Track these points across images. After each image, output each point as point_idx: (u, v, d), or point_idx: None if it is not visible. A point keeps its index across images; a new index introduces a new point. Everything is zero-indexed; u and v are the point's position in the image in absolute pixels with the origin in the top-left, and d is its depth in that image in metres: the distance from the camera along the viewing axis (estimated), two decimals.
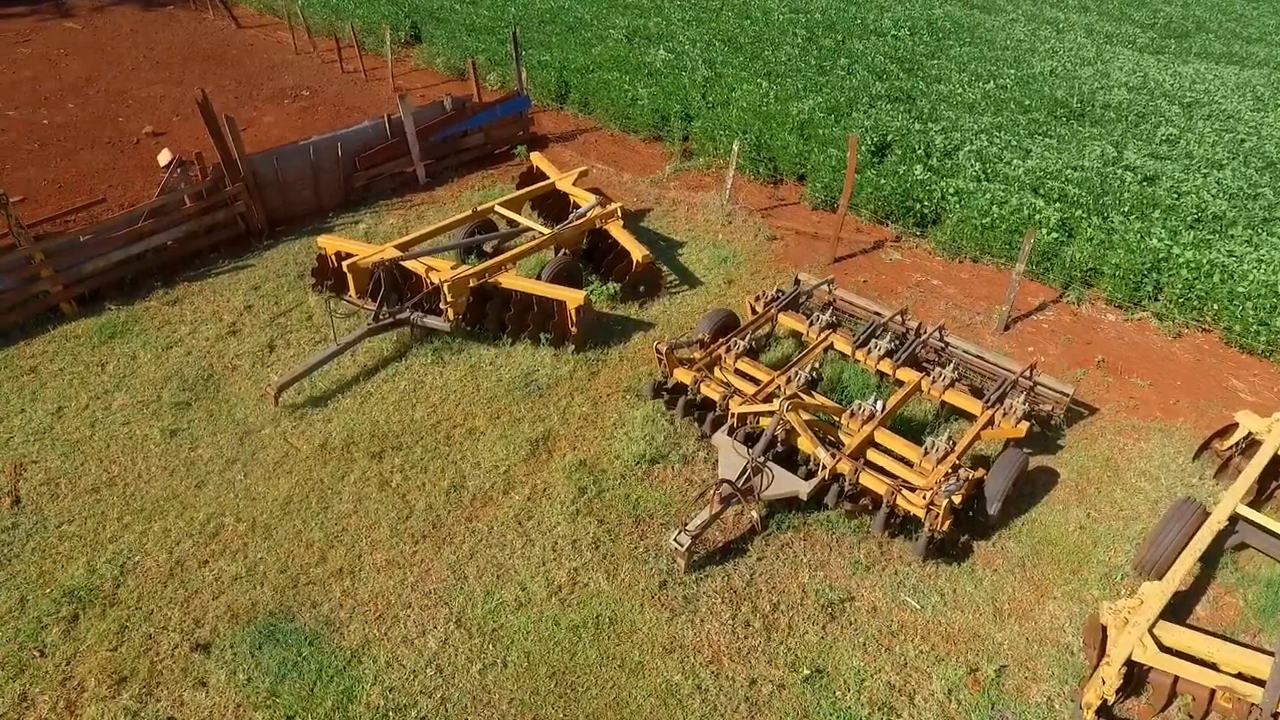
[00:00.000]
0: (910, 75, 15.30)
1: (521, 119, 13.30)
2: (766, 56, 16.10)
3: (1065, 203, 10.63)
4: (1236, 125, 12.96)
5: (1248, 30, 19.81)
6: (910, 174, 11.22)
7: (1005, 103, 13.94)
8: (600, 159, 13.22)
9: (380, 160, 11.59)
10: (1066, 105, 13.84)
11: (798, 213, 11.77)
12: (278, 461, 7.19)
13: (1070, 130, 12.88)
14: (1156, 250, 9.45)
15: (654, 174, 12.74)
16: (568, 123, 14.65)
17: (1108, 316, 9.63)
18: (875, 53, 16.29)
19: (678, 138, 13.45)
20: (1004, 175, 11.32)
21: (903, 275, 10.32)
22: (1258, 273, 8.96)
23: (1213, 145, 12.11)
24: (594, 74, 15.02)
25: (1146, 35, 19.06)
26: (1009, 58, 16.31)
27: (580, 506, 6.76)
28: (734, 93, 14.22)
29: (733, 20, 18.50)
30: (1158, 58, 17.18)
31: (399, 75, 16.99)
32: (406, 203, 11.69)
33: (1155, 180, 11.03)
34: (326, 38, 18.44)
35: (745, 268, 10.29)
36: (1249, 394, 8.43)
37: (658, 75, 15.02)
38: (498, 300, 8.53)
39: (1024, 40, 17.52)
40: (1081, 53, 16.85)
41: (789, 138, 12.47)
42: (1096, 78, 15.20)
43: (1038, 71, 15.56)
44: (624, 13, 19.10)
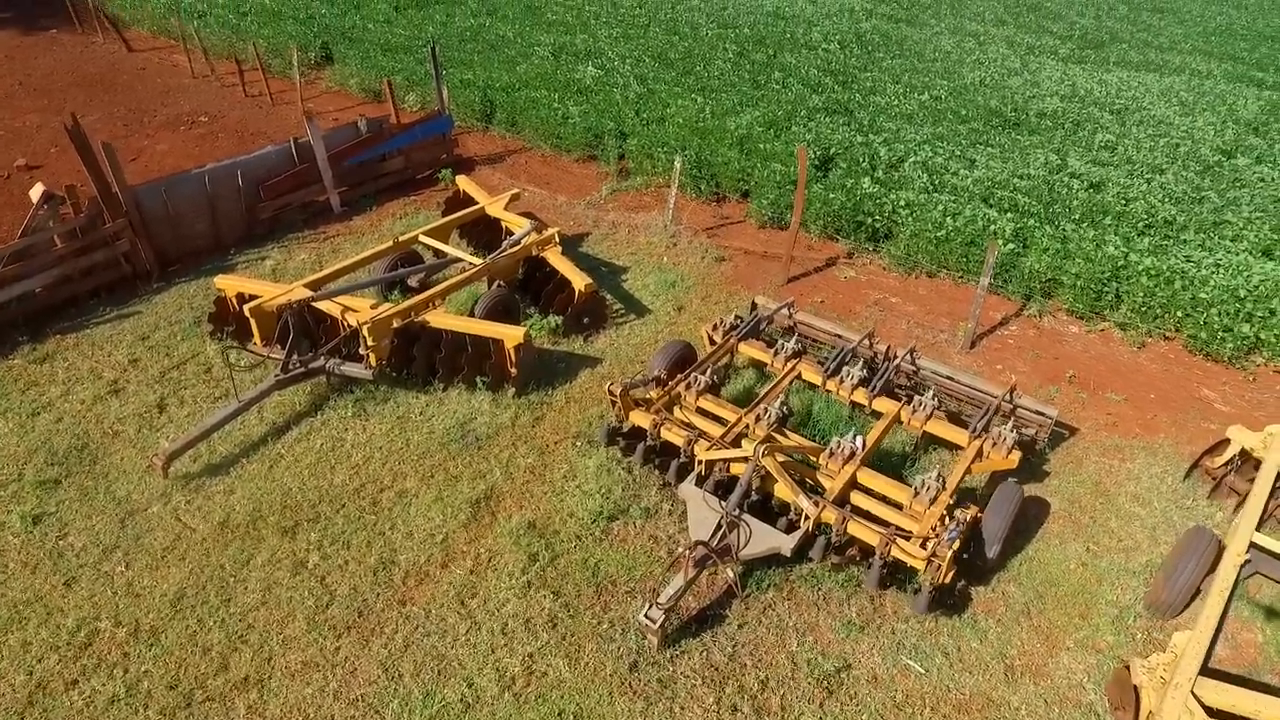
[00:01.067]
0: (845, 88, 15.02)
1: (445, 141, 12.38)
2: (699, 72, 15.60)
3: (1017, 212, 10.33)
4: (1169, 130, 13.04)
5: (1158, 39, 20.42)
6: (859, 187, 10.77)
7: (943, 113, 13.74)
8: (532, 181, 12.39)
9: (288, 189, 10.49)
10: (1002, 114, 13.73)
11: (744, 231, 11.17)
12: (168, 546, 6.06)
13: (1010, 139, 12.72)
14: (1114, 258, 9.17)
15: (590, 195, 11.98)
16: (495, 144, 13.78)
17: (1071, 329, 9.28)
18: (808, 66, 15.99)
19: (613, 157, 12.75)
20: (952, 186, 10.99)
21: (860, 293, 9.80)
22: (1217, 278, 8.75)
23: (1150, 150, 12.09)
24: (521, 92, 14.22)
25: (1066, 46, 19.41)
26: (939, 69, 16.24)
27: (532, 577, 5.86)
28: (669, 109, 13.63)
29: (661, 37, 18.00)
30: (1081, 67, 17.42)
31: (309, 98, 15.83)
32: (320, 234, 10.60)
33: (1102, 187, 10.86)
34: (227, 60, 17.14)
35: (695, 292, 9.60)
36: (1222, 404, 8.14)
37: (588, 93, 14.32)
38: (426, 341, 7.58)
39: (951, 52, 17.55)
40: (1007, 63, 16.94)
41: (730, 154, 11.91)
42: (1027, 87, 15.22)
43: (969, 82, 15.50)
44: (548, 30, 18.40)
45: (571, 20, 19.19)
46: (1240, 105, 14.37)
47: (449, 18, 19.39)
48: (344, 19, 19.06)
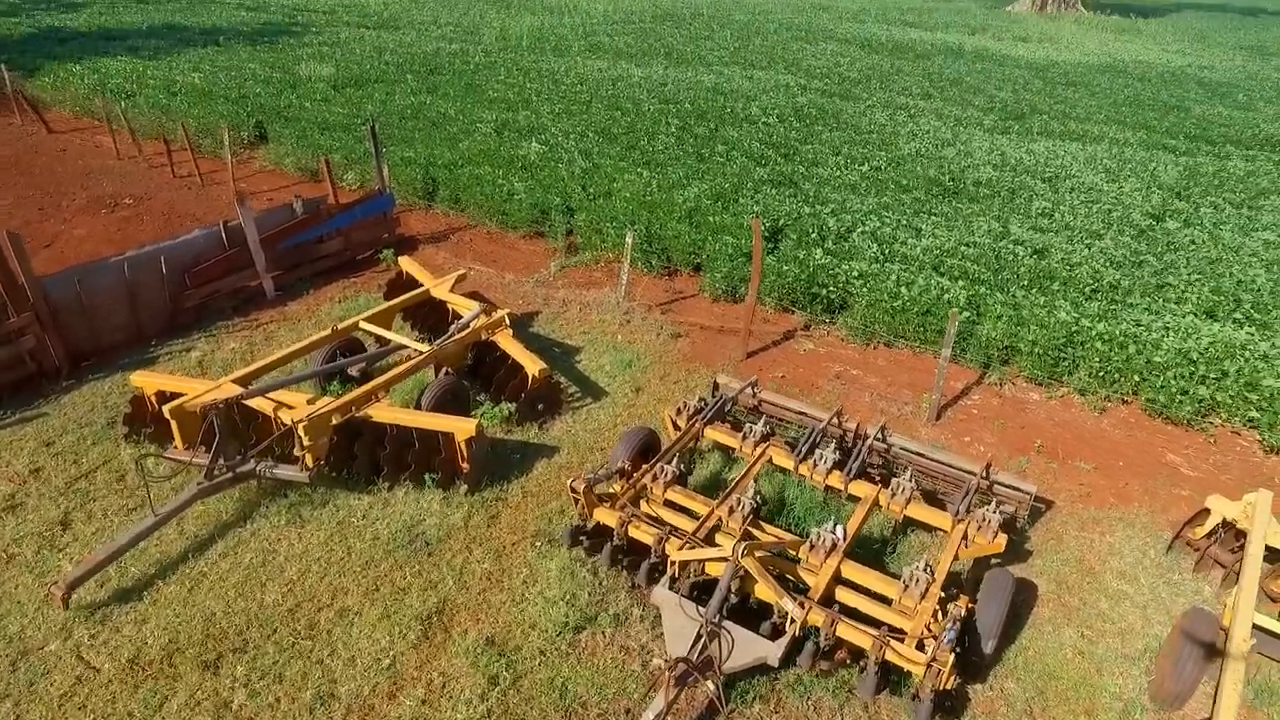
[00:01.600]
0: (788, 160, 15.23)
1: (386, 220, 11.97)
2: (643, 146, 15.67)
3: (968, 280, 10.38)
4: (1099, 196, 13.49)
5: (1074, 111, 21.52)
6: (811, 258, 10.71)
7: (885, 183, 13.98)
8: (478, 259, 12.03)
9: (217, 274, 9.88)
10: (941, 183, 14.04)
11: (698, 306, 10.96)
12: (67, 693, 5.25)
13: (952, 208, 12.96)
14: (1067, 324, 9.21)
15: (539, 272, 11.66)
16: (438, 222, 13.43)
17: (1031, 395, 9.22)
18: (750, 139, 16.23)
19: (560, 232, 12.51)
20: (902, 255, 11.04)
21: (820, 367, 9.60)
22: (1169, 341, 8.83)
23: (1086, 217, 12.44)
24: (464, 169, 13.98)
25: (990, 118, 20.26)
26: (876, 140, 16.67)
27: (493, 704, 5.24)
28: (615, 183, 13.55)
29: (604, 112, 18.14)
30: (1006, 137, 18.14)
31: (242, 178, 15.30)
32: (252, 322, 9.96)
33: (1046, 253, 11.04)
34: (156, 140, 16.55)
35: (653, 371, 9.25)
36: (1188, 468, 8.08)
37: (533, 168, 14.18)
38: (369, 437, 7.01)
39: (886, 125, 18.09)
40: (939, 135, 17.52)
41: (680, 227, 11.79)
42: (961, 157, 15.69)
43: (906, 153, 15.91)
44: (490, 107, 18.37)
45: (513, 97, 19.24)
46: (1160, 171, 15.05)
47: (389, 96, 19.24)
48: (279, 98, 18.72)
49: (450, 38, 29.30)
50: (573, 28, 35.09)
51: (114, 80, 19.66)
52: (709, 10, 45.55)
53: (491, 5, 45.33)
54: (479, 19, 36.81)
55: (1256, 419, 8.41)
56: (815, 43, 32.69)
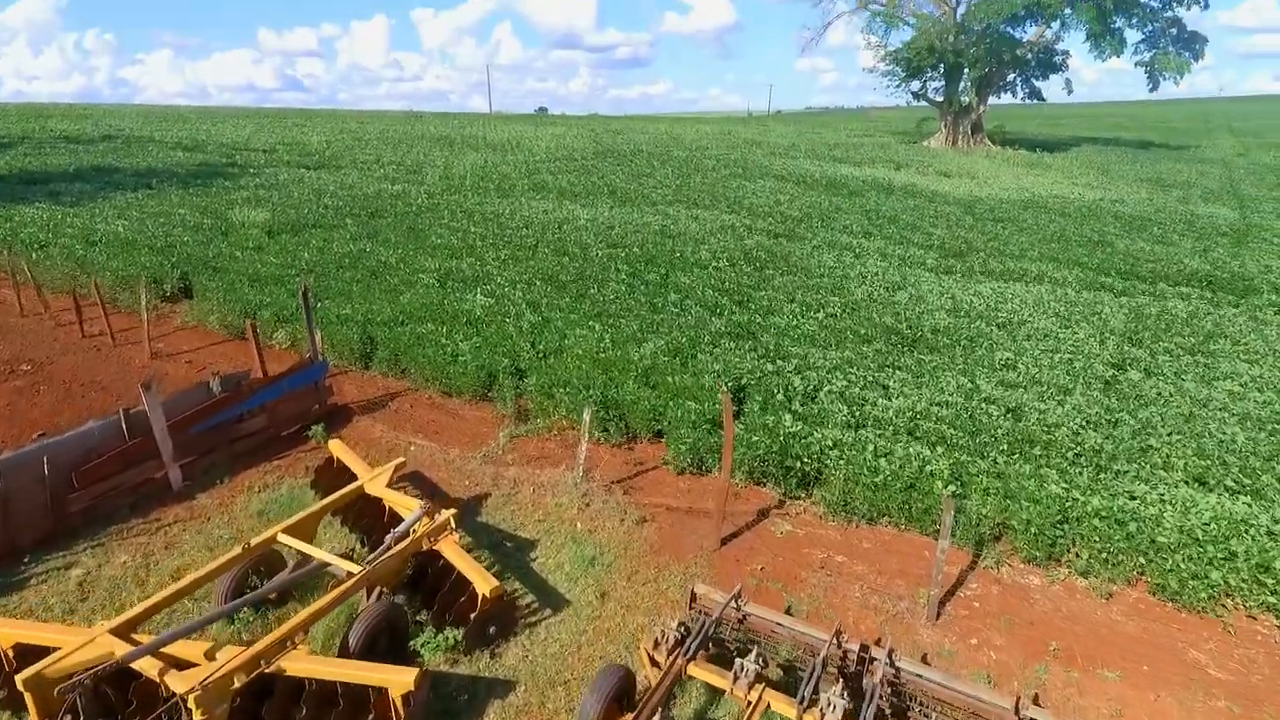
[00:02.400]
0: (743, 308, 14.90)
1: (317, 389, 10.94)
2: (593, 295, 15.19)
3: (946, 446, 9.82)
4: (1057, 345, 13.40)
5: (1008, 248, 22.19)
6: (780, 425, 10.04)
7: (843, 333, 13.67)
8: (419, 431, 11.00)
9: (114, 470, 8.61)
10: (899, 332, 13.81)
11: (662, 480, 10.07)
12: None
13: (915, 359, 12.62)
14: (1060, 498, 8.62)
15: (487, 446, 10.67)
16: (376, 386, 12.43)
17: (1032, 580, 8.46)
18: (703, 286, 15.94)
19: (510, 397, 11.63)
20: (875, 418, 10.47)
21: (801, 554, 8.70)
22: (1170, 518, 8.28)
23: (1050, 369, 12.21)
24: (405, 327, 13.17)
25: (931, 256, 20.67)
26: (828, 284, 16.59)
27: None
28: (566, 339, 12.90)
29: (551, 258, 17.77)
30: (951, 278, 18.36)
31: (162, 336, 14.15)
32: (152, 522, 8.62)
33: (1021, 413, 10.63)
34: (65, 294, 15.36)
35: (618, 568, 8.21)
36: (1215, 668, 7.31)
37: (479, 324, 13.45)
38: (282, 696, 5.72)
39: (835, 267, 18.16)
40: (888, 277, 17.60)
41: (639, 392, 11.07)
42: (914, 302, 15.63)
43: (859, 298, 15.80)
44: (433, 254, 17.83)
45: (457, 243, 18.78)
46: (1109, 315, 15.22)
47: (326, 243, 18.58)
48: (208, 247, 17.86)
49: (393, 178, 29.28)
50: (516, 165, 35.71)
51: (27, 230, 18.58)
52: (648, 147, 47.35)
53: (435, 144, 46.28)
54: (422, 158, 37.25)
55: (1274, 604, 7.79)
56: (753, 179, 33.83)
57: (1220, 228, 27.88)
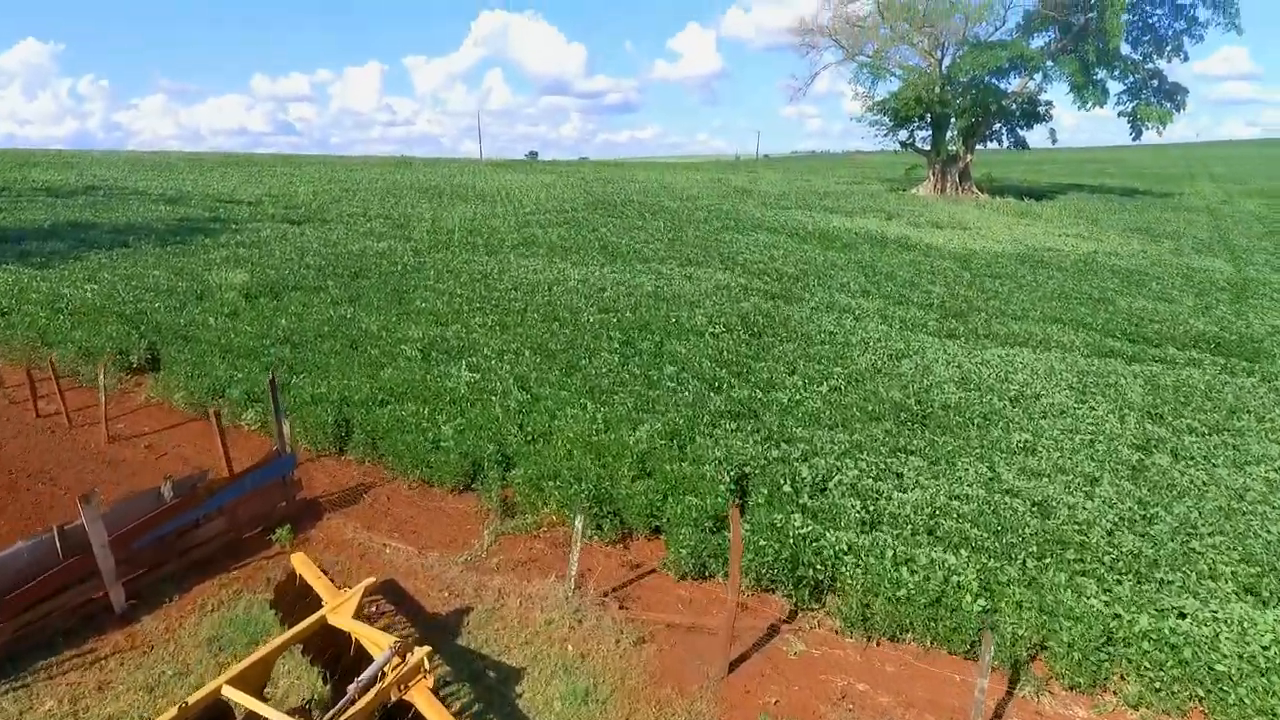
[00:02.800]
0: (743, 381, 14.16)
1: (284, 485, 10.04)
2: (584, 368, 14.42)
3: (970, 548, 8.99)
4: (1077, 423, 12.68)
5: (1009, 308, 21.64)
6: (789, 526, 9.21)
7: (849, 410, 12.91)
8: (396, 530, 10.09)
9: (46, 594, 7.65)
10: (908, 408, 13.07)
11: (662, 587, 9.18)
12: None
13: (927, 440, 11.86)
14: (1103, 617, 7.79)
15: (470, 547, 9.75)
16: (350, 474, 11.52)
17: (1077, 712, 7.57)
18: (699, 356, 15.21)
19: (495, 490, 10.76)
20: (890, 514, 9.65)
21: (818, 681, 7.80)
22: (1227, 642, 7.45)
23: (1073, 454, 11.46)
24: (384, 408, 12.32)
25: (932, 318, 20.08)
26: (829, 353, 15.90)
27: None
28: (555, 420, 12.09)
29: (540, 324, 17.04)
30: (954, 342, 17.73)
31: (123, 415, 13.24)
32: (87, 654, 7.63)
33: (1048, 509, 9.84)
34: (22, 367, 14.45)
35: (615, 705, 7.28)
36: None
37: (463, 403, 12.63)
38: None
39: (835, 332, 17.50)
40: (891, 343, 16.95)
41: (634, 487, 10.25)
42: (920, 373, 14.94)
43: (863, 368, 15.10)
44: (417, 320, 17.07)
45: (443, 308, 18.04)
46: (1124, 386, 14.55)
47: (305, 309, 17.80)
48: (180, 313, 17.04)
49: (379, 233, 28.67)
50: (505, 218, 35.27)
51: None
52: (639, 196, 47.18)
53: (424, 194, 45.97)
54: (410, 210, 36.78)
55: None
56: (746, 232, 33.46)
57: (1218, 282, 27.57)
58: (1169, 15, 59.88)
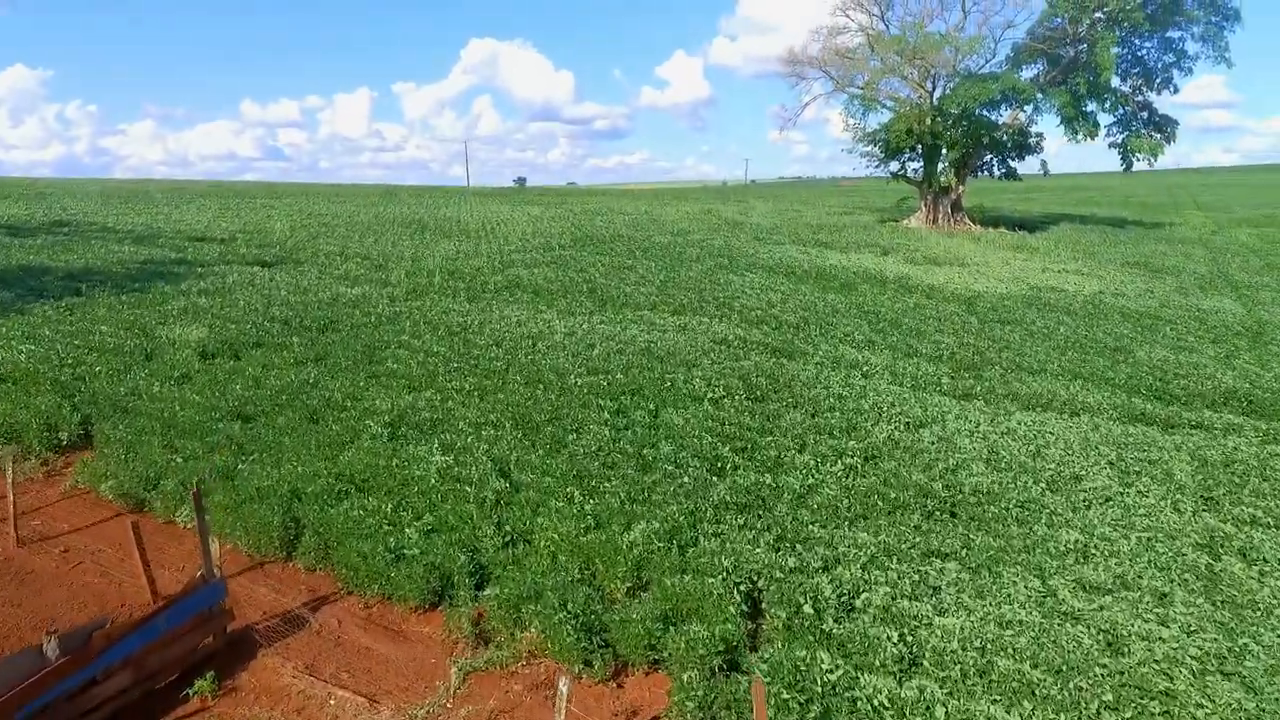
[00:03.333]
0: (748, 460, 12.68)
1: (212, 617, 8.41)
2: (571, 445, 12.90)
3: (1031, 697, 7.48)
4: (1128, 513, 11.25)
5: (1024, 360, 20.34)
6: (815, 669, 7.69)
7: (870, 497, 11.44)
8: (345, 668, 8.45)
9: None
10: (935, 495, 11.62)
11: None
12: None
13: (961, 539, 10.39)
14: None
15: (433, 691, 8.15)
16: (298, 588, 9.89)
17: None
18: (699, 428, 13.72)
19: (466, 609, 9.18)
20: (932, 649, 8.13)
21: None
22: None
23: (1131, 558, 10.02)
24: (340, 504, 10.75)
25: (944, 373, 18.74)
26: (841, 422, 14.45)
27: None
28: (538, 515, 10.57)
29: (522, 388, 15.52)
30: (972, 404, 16.37)
31: (43, 508, 11.58)
32: None
33: (1119, 641, 8.33)
34: None
35: None
36: None
37: (432, 495, 11.07)
38: None
39: (844, 395, 16.07)
40: (906, 407, 15.54)
41: (629, 609, 8.71)
42: (943, 447, 13.51)
43: (879, 440, 13.66)
44: (387, 386, 15.50)
45: (416, 369, 16.49)
46: (1169, 463, 13.17)
47: (264, 371, 16.20)
48: (124, 378, 15.40)
49: (354, 277, 27.14)
50: (489, 257, 33.90)
51: None
52: (628, 231, 45.97)
53: (406, 229, 44.59)
54: (390, 248, 35.33)
55: None
56: (740, 272, 32.19)
57: (1232, 326, 26.51)
58: (1158, 48, 59.86)
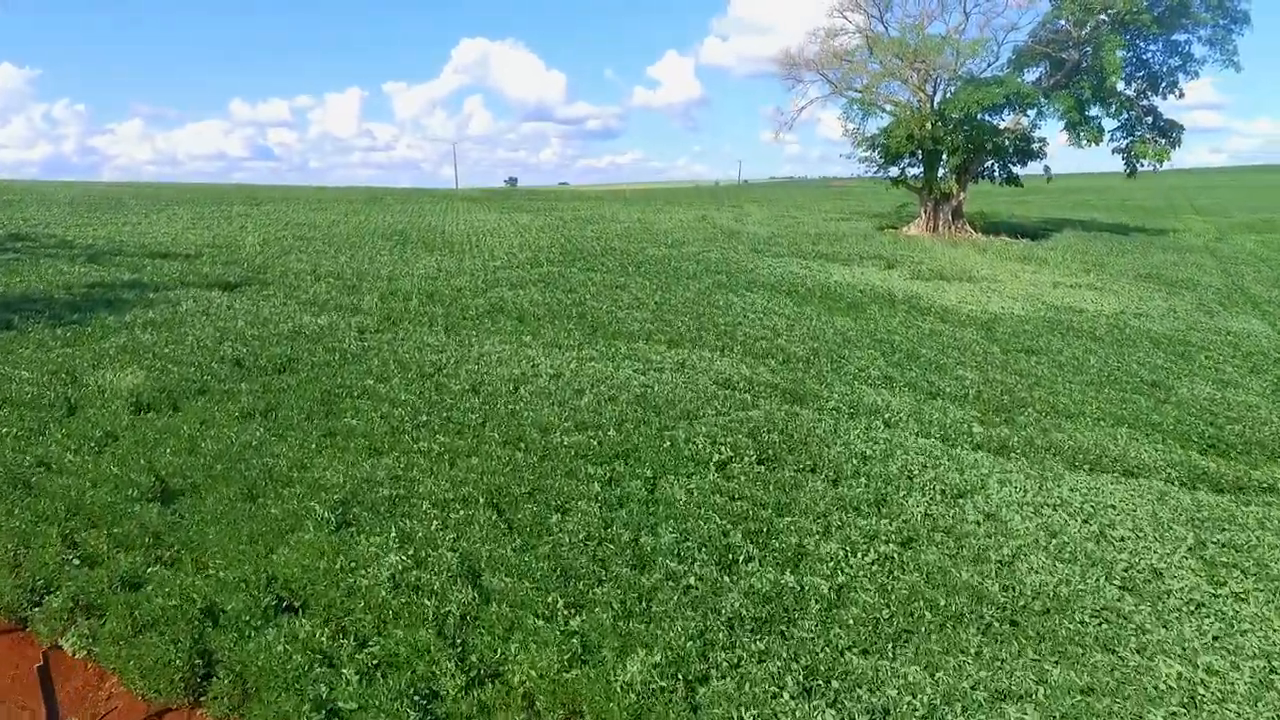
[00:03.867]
0: (764, 550, 10.68)
1: None
2: (555, 530, 10.87)
3: None
4: (1230, 631, 9.25)
5: (1057, 399, 18.40)
6: None
7: (914, 604, 9.46)
8: None
9: None
10: (992, 600, 9.66)
11: None
12: None
13: (1036, 672, 8.40)
14: None
15: None
16: None
17: None
18: (705, 506, 11.70)
19: None
20: None
21: None
22: None
23: (1251, 703, 8.04)
24: (267, 630, 8.66)
25: (973, 417, 16.79)
26: (868, 495, 12.44)
27: None
28: (511, 639, 8.55)
29: (500, 450, 13.46)
30: (1012, 462, 14.40)
31: None
32: None
33: None
34: None
35: None
36: None
37: (381, 612, 9.01)
38: None
39: (868, 454, 14.06)
40: (941, 471, 13.55)
41: None
42: (994, 532, 11.52)
43: (915, 519, 11.68)
44: (343, 449, 13.40)
45: (378, 424, 14.38)
46: (1258, 549, 11.20)
47: (204, 428, 14.08)
48: (34, 440, 13.23)
49: (322, 302, 24.98)
50: (472, 275, 31.81)
51: None
52: (620, 244, 43.93)
53: (387, 241, 42.42)
54: (366, 265, 33.17)
55: None
56: (740, 292, 30.21)
57: (1269, 352, 24.78)
58: (1163, 52, 58.37)
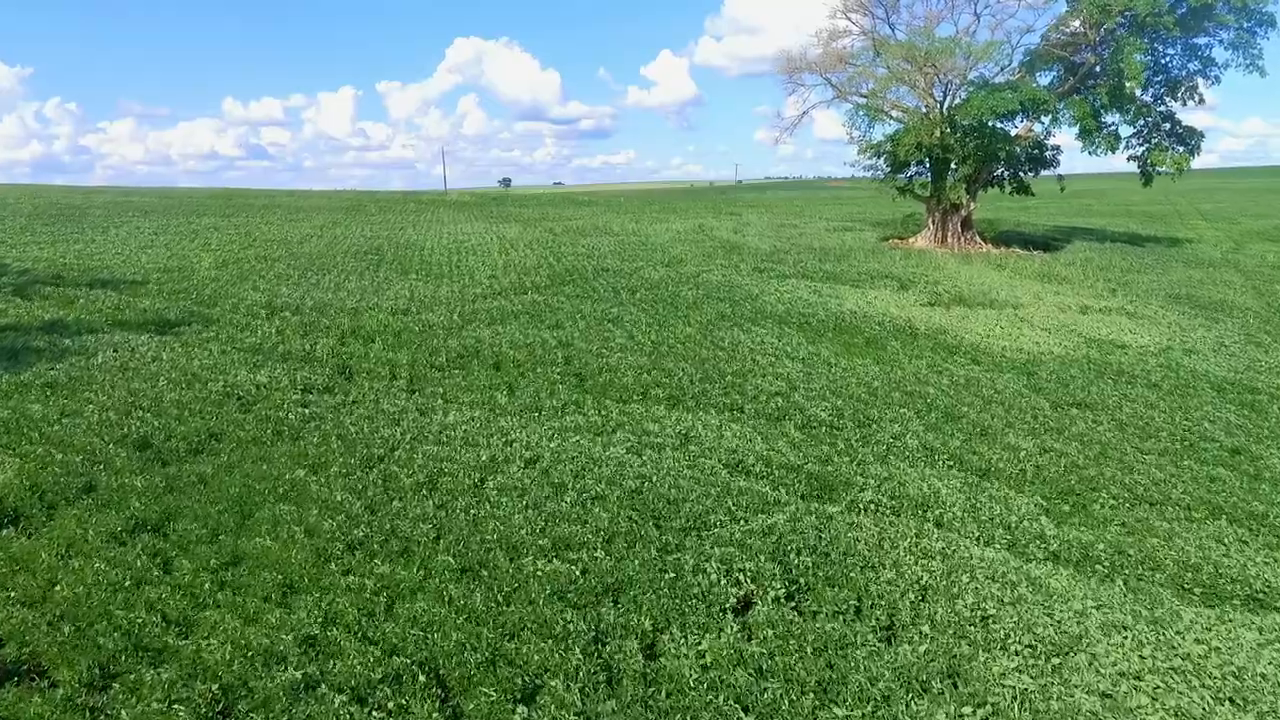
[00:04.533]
0: None
1: None
2: None
3: None
4: None
5: (1134, 479, 15.41)
6: None
7: None
8: None
9: None
10: None
11: None
12: None
13: None
14: None
15: None
16: None
17: None
18: (721, 689, 8.62)
19: None
20: None
21: None
22: None
23: None
24: None
25: (1034, 503, 13.83)
26: (937, 659, 9.37)
27: None
28: None
29: (453, 588, 10.34)
30: (1109, 586, 11.38)
31: None
32: None
33: None
34: None
35: None
36: None
37: None
38: None
39: (927, 582, 10.98)
40: (1023, 609, 10.47)
41: None
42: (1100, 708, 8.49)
43: (1005, 701, 8.62)
44: (245, 588, 10.21)
45: (299, 543, 11.22)
46: None
47: (70, 550, 10.87)
48: None
49: (269, 348, 21.76)
50: (448, 305, 28.62)
51: None
52: (615, 262, 40.76)
53: (360, 261, 39.15)
54: (331, 294, 29.91)
55: None
56: (746, 326, 27.13)
57: None
58: (1183, 56, 55.54)
